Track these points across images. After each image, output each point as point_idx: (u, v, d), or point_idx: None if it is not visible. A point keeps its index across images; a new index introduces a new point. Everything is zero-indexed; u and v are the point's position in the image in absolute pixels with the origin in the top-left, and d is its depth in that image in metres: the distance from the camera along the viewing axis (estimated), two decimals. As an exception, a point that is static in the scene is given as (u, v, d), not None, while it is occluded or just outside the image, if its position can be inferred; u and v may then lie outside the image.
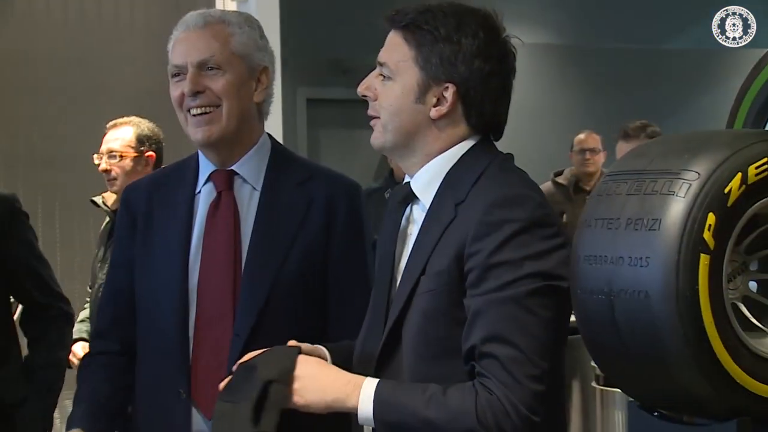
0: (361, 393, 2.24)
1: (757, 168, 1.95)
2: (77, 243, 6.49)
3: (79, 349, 4.28)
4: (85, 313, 5.07)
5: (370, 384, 2.25)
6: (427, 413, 2.18)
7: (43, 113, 6.37)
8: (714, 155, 1.96)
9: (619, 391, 3.38)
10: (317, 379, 2.27)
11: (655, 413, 2.10)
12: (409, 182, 2.39)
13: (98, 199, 5.06)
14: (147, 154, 4.40)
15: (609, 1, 10.96)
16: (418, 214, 2.38)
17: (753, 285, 2.10)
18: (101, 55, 6.64)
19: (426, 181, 2.35)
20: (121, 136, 4.84)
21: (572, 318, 2.25)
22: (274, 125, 6.32)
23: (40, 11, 6.51)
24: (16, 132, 6.33)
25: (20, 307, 3.62)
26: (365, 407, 2.23)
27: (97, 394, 2.73)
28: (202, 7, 6.62)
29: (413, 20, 2.29)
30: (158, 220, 2.74)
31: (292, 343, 2.37)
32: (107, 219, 4.99)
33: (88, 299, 5.11)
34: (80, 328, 4.84)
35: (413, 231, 2.38)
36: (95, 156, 4.90)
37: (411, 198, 2.39)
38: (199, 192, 2.73)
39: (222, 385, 2.31)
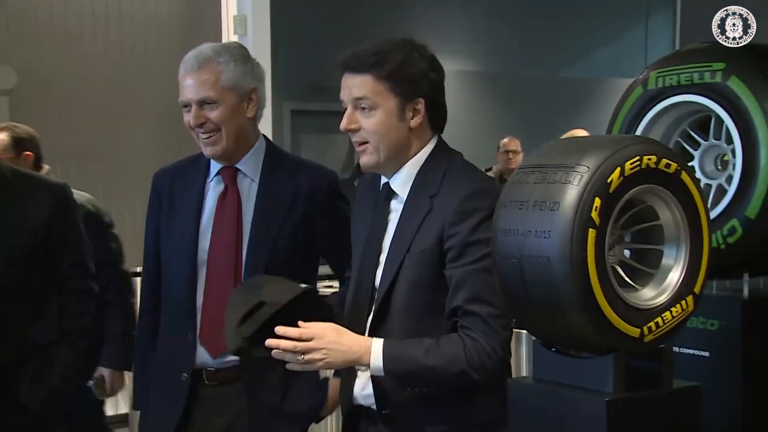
0: (372, 352, 2.25)
1: (631, 164, 1.97)
2: (118, 220, 6.41)
3: None
4: None
5: (377, 343, 2.26)
6: (427, 361, 2.23)
7: (88, 119, 6.28)
8: (599, 154, 1.97)
9: (526, 332, 3.40)
10: (338, 344, 2.24)
11: (553, 349, 2.11)
12: (387, 182, 2.42)
13: None
14: (25, 153, 3.87)
15: (517, 38, 10.97)
16: (395, 206, 2.41)
17: (627, 252, 2.12)
18: (133, 76, 6.57)
19: (403, 179, 2.39)
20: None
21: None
22: (264, 131, 6.27)
23: (88, 38, 6.43)
24: (70, 134, 6.25)
25: None
26: (376, 362, 2.25)
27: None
28: (211, 37, 6.70)
29: (375, 62, 2.30)
30: (177, 201, 2.73)
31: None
32: None
33: None
34: None
35: (393, 219, 2.40)
36: None
37: (392, 194, 2.41)
38: (210, 181, 2.71)
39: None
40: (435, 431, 2.35)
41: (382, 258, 2.39)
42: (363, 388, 2.42)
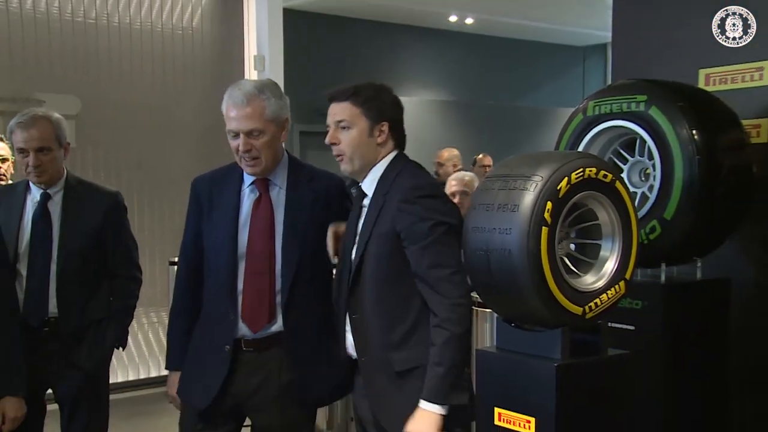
0: (427, 410, 2.20)
1: (576, 174, 1.98)
2: (159, 219, 6.39)
3: None
4: None
5: (423, 404, 2.21)
6: (443, 366, 2.19)
7: (136, 138, 6.24)
8: (551, 166, 1.98)
9: (490, 310, 3.40)
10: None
11: (513, 324, 2.10)
12: (360, 185, 2.45)
13: None
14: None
15: (481, 74, 10.97)
16: (366, 202, 2.43)
17: (572, 246, 2.11)
18: (172, 104, 6.54)
19: (369, 182, 2.42)
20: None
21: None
22: (280, 147, 6.23)
23: (137, 73, 6.39)
24: (123, 150, 6.21)
25: None
26: (435, 409, 2.19)
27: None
28: (236, 73, 6.71)
29: (354, 93, 2.39)
30: (216, 203, 2.67)
31: None
32: None
33: None
34: None
35: (363, 212, 2.42)
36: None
37: (363, 194, 2.44)
38: (246, 188, 2.65)
39: None
40: (402, 369, 2.32)
41: (356, 241, 2.42)
42: (351, 344, 2.44)
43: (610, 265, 2.06)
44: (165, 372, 2.88)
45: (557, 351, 1.98)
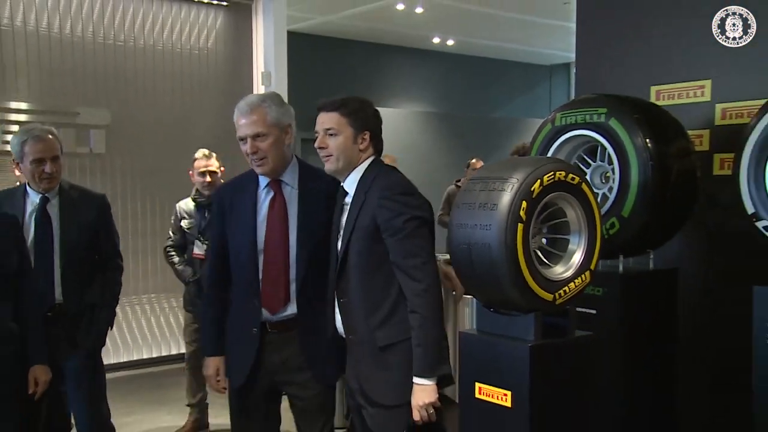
0: (421, 383, 2.21)
1: (548, 177, 1.97)
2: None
3: None
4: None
5: (416, 380, 2.23)
6: (423, 344, 2.20)
7: (159, 146, 6.20)
8: (525, 170, 1.96)
9: (471, 296, 3.40)
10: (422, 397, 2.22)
11: (491, 309, 2.08)
12: (342, 184, 2.46)
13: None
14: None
15: (462, 89, 10.97)
16: (347, 200, 2.43)
17: (544, 240, 2.10)
18: (190, 116, 6.52)
19: (351, 182, 2.42)
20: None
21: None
22: (285, 153, 6.20)
23: (160, 89, 6.38)
24: (148, 157, 6.17)
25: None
26: (427, 381, 2.21)
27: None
28: (246, 88, 6.71)
29: (341, 105, 2.40)
30: (238, 206, 2.65)
31: None
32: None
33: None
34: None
35: (346, 209, 2.43)
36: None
37: (345, 193, 2.44)
38: (262, 190, 2.63)
39: None
40: (384, 344, 2.32)
41: (341, 234, 2.42)
42: (339, 325, 2.45)
43: (577, 257, 2.05)
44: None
45: (531, 333, 1.97)
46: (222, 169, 4.55)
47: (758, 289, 2.54)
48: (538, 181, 1.93)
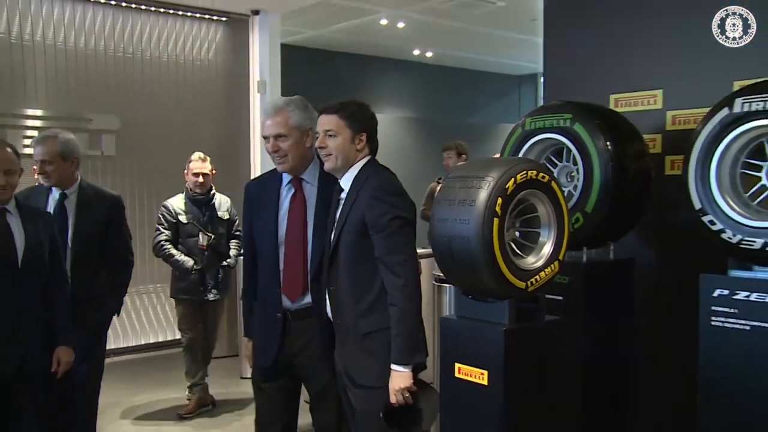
0: (397, 370, 2.19)
1: (520, 176, 1.95)
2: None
3: None
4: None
5: (394, 366, 2.21)
6: (402, 335, 2.19)
7: (165, 149, 6.14)
8: (500, 169, 1.94)
9: (450, 285, 3.39)
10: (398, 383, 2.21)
11: (469, 296, 2.07)
12: (339, 182, 2.42)
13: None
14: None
15: (442, 96, 10.96)
16: (342, 196, 2.39)
17: (518, 233, 2.08)
18: (193, 121, 6.47)
19: (347, 180, 2.38)
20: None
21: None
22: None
23: (165, 96, 6.34)
24: (154, 159, 6.11)
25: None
26: (403, 369, 2.19)
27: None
28: (244, 95, 6.71)
29: (340, 109, 2.35)
30: (263, 201, 2.62)
31: None
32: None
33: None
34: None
35: (341, 204, 2.39)
36: None
37: (341, 189, 2.40)
38: (285, 187, 2.60)
39: None
40: (366, 331, 2.30)
41: (334, 227, 2.39)
42: (329, 308, 2.42)
43: (547, 249, 2.04)
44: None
45: (506, 318, 1.96)
46: (214, 171, 4.62)
47: (704, 277, 2.54)
48: (512, 179, 1.92)
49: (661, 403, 3.31)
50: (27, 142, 5.46)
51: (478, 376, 1.96)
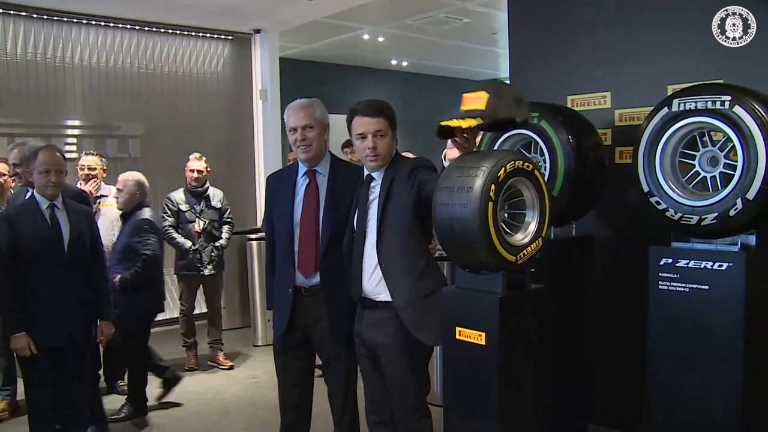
0: None
1: (510, 165, 1.92)
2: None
3: None
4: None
5: None
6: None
7: (181, 151, 6.02)
8: (493, 160, 1.92)
9: (447, 261, 3.39)
10: None
11: (467, 270, 2.05)
12: (370, 174, 2.34)
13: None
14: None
15: (420, 100, 10.89)
16: (374, 183, 2.32)
17: (506, 215, 2.07)
18: (205, 127, 6.40)
19: (380, 172, 2.31)
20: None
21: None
22: (281, 152, 6.14)
23: (181, 105, 6.25)
24: (172, 160, 5.97)
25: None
26: None
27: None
28: (247, 102, 6.68)
29: (383, 110, 2.29)
30: (282, 190, 2.58)
31: None
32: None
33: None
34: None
35: (374, 191, 2.31)
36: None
37: (371, 179, 2.33)
38: (300, 178, 2.56)
39: None
40: (427, 292, 2.24)
41: (371, 210, 2.30)
42: (371, 285, 2.29)
43: (533, 227, 2.03)
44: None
45: (499, 287, 1.95)
46: (209, 169, 4.80)
47: (653, 248, 2.57)
48: (503, 168, 1.90)
49: (618, 353, 3.36)
50: (68, 148, 5.59)
51: (477, 337, 1.96)
